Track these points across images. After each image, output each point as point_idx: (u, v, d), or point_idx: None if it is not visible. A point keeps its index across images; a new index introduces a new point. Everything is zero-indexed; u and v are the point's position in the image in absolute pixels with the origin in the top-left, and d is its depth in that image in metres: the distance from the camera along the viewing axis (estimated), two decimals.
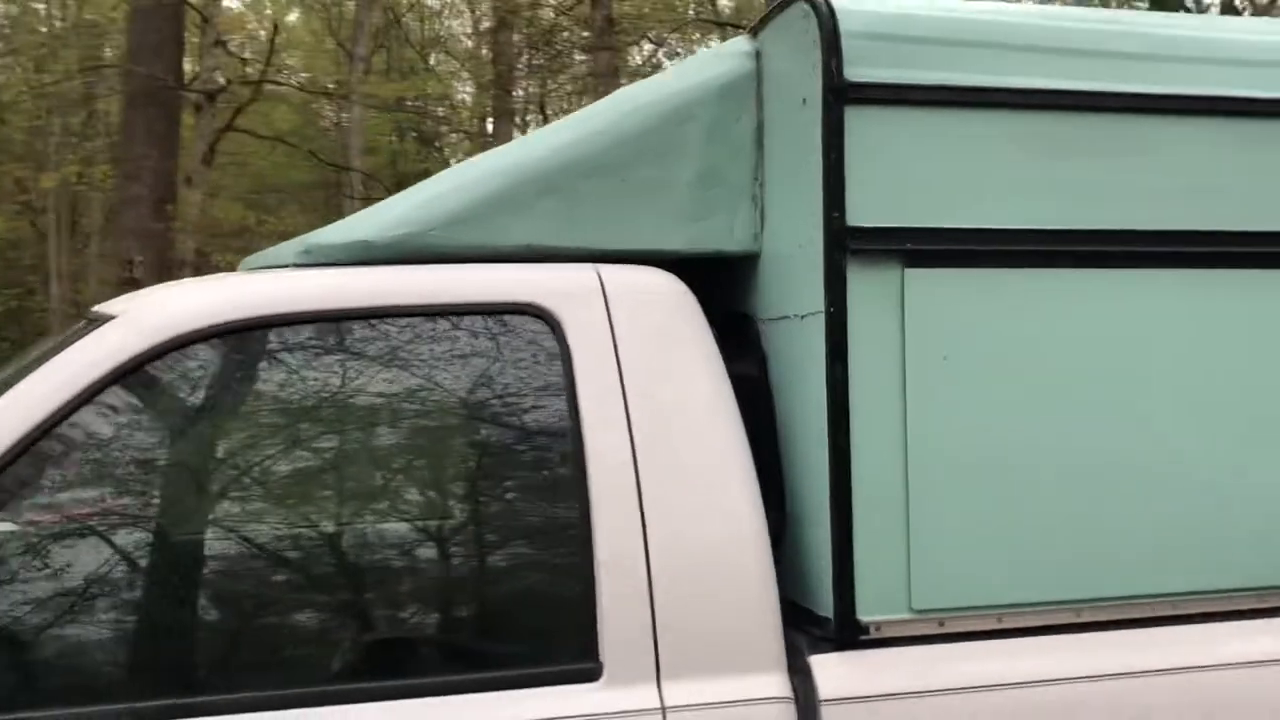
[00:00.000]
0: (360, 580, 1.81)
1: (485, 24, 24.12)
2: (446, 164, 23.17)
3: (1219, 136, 1.91)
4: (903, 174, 1.84)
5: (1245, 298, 1.92)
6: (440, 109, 21.07)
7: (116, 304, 1.97)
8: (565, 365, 1.87)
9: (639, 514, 1.80)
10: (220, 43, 12.35)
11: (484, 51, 23.35)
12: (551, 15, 16.27)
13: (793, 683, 1.79)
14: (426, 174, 22.12)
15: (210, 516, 1.76)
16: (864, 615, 1.82)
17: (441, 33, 23.76)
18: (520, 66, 20.37)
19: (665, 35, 15.14)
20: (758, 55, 2.07)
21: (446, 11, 23.86)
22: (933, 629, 1.84)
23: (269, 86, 13.25)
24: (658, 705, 1.74)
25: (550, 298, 1.90)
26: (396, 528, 1.82)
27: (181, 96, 11.70)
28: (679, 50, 17.12)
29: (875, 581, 1.82)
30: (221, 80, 12.52)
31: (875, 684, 1.79)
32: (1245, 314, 1.92)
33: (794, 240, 1.94)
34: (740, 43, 2.12)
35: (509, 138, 20.12)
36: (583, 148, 2.02)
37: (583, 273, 1.96)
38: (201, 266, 12.02)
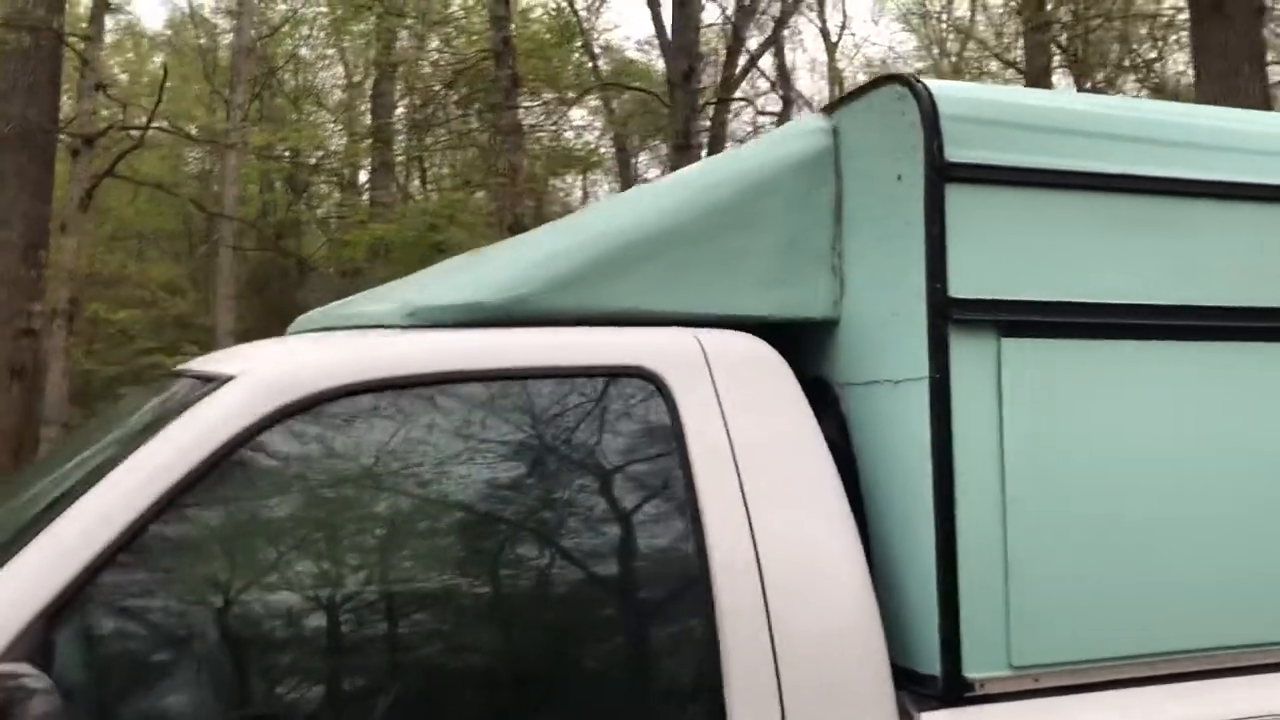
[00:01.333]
0: (491, 644, 1.78)
1: (357, 77, 24.05)
2: (314, 214, 22.91)
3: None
4: (997, 249, 1.95)
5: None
6: (315, 159, 20.72)
7: (220, 363, 1.91)
8: (675, 428, 1.90)
9: (759, 582, 1.83)
10: (101, 86, 11.93)
11: (359, 105, 23.23)
12: (432, 69, 16.32)
13: None
14: (297, 224, 21.76)
15: (348, 580, 1.71)
16: (969, 673, 1.89)
17: (315, 83, 23.48)
18: (397, 120, 20.30)
19: (568, 96, 15.30)
20: (835, 132, 2.17)
21: (320, 63, 23.62)
22: (1029, 685, 1.92)
23: (151, 132, 12.84)
24: None
25: (658, 362, 1.94)
26: (527, 590, 1.80)
27: (56, 140, 11.25)
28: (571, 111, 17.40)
29: (978, 640, 1.89)
30: (100, 124, 12.08)
31: None
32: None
33: (885, 308, 2.02)
34: (816, 120, 2.21)
35: (386, 190, 19.95)
36: (679, 215, 2.07)
37: (683, 337, 2.00)
38: (74, 315, 11.51)
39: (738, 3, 17.21)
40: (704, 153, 13.94)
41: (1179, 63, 20.55)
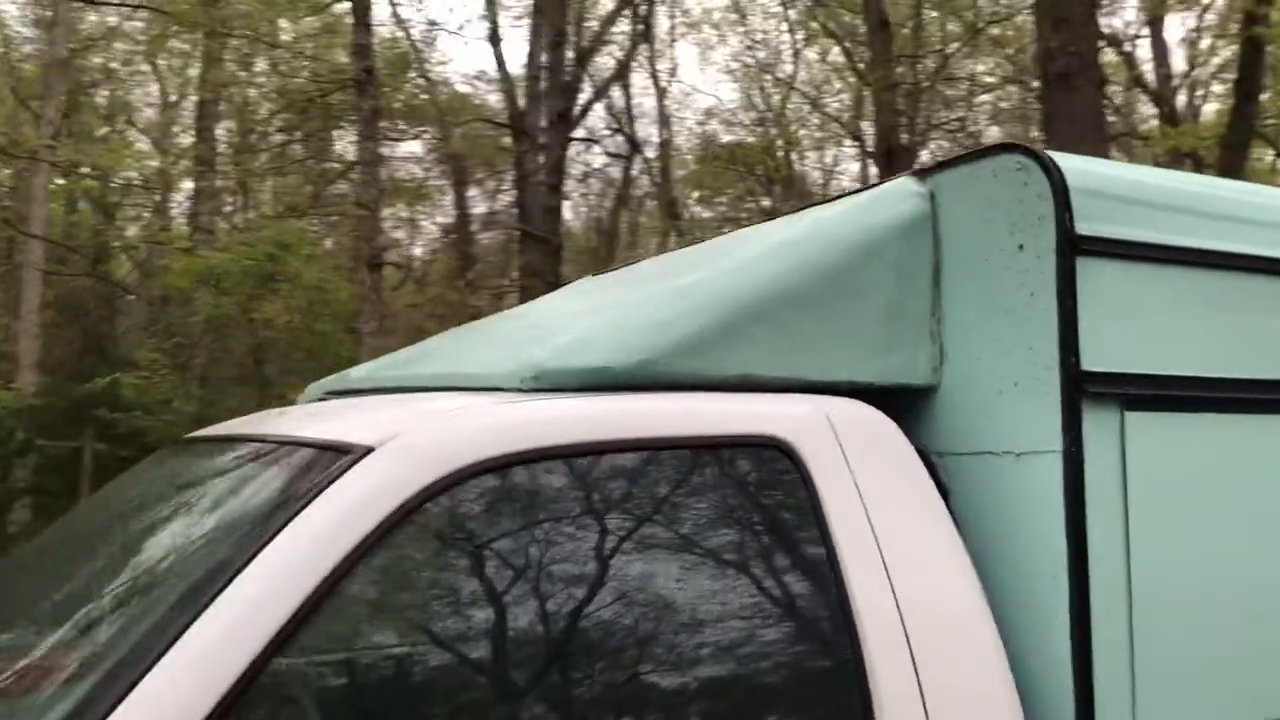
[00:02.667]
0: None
1: (173, 96, 22.91)
2: (123, 236, 21.53)
3: None
4: (1122, 323, 1.96)
5: None
6: (128, 180, 19.50)
7: (333, 429, 1.70)
8: (812, 498, 1.83)
9: (908, 648, 1.78)
10: None
11: (176, 126, 22.10)
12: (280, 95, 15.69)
13: None
14: (106, 246, 20.40)
15: (522, 665, 1.54)
16: None
17: (129, 100, 22.18)
18: (224, 144, 19.42)
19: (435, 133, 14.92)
20: (932, 197, 2.15)
21: (133, 79, 22.35)
22: None
23: None
24: None
25: (788, 431, 1.86)
26: (688, 660, 1.67)
27: None
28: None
29: (1110, 715, 1.88)
30: None
31: None
32: None
33: (1004, 378, 2.00)
34: (911, 184, 2.18)
35: (210, 216, 18.97)
36: (790, 279, 2.00)
37: (809, 405, 1.93)
38: None
39: (577, 44, 17.32)
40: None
41: (983, 122, 22.02)
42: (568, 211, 23.79)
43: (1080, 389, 1.90)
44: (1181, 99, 20.94)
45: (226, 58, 17.98)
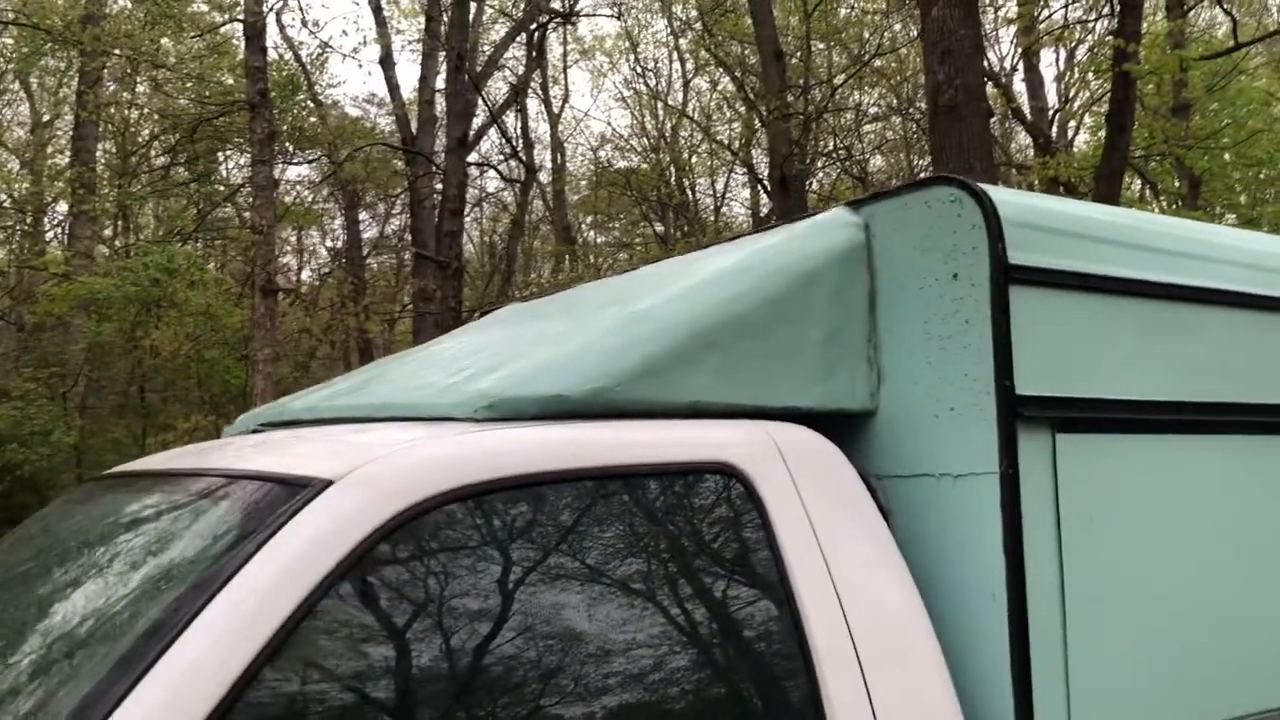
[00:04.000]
0: None
1: (46, 117, 22.08)
2: None
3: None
4: (1050, 348, 2.04)
5: None
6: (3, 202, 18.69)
7: (301, 463, 1.66)
8: (764, 522, 1.86)
9: (858, 665, 1.81)
10: None
11: (50, 146, 21.28)
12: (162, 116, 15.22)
13: None
14: None
15: (483, 686, 1.52)
16: None
17: None
18: (104, 166, 18.75)
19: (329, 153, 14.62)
20: (867, 227, 2.21)
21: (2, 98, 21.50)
22: None
23: None
24: None
25: (740, 457, 1.89)
26: (647, 682, 1.67)
27: None
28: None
29: None
30: None
31: None
32: None
33: (940, 403, 2.06)
34: (846, 214, 2.24)
35: (88, 240, 18.28)
36: (736, 306, 2.03)
37: (755, 430, 1.96)
38: None
39: (470, 68, 17.28)
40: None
41: (866, 151, 22.64)
42: (462, 238, 23.62)
43: (1015, 412, 1.97)
44: (1055, 130, 21.85)
45: (106, 77, 17.42)
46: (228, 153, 19.28)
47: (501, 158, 21.41)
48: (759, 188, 22.25)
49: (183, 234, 18.07)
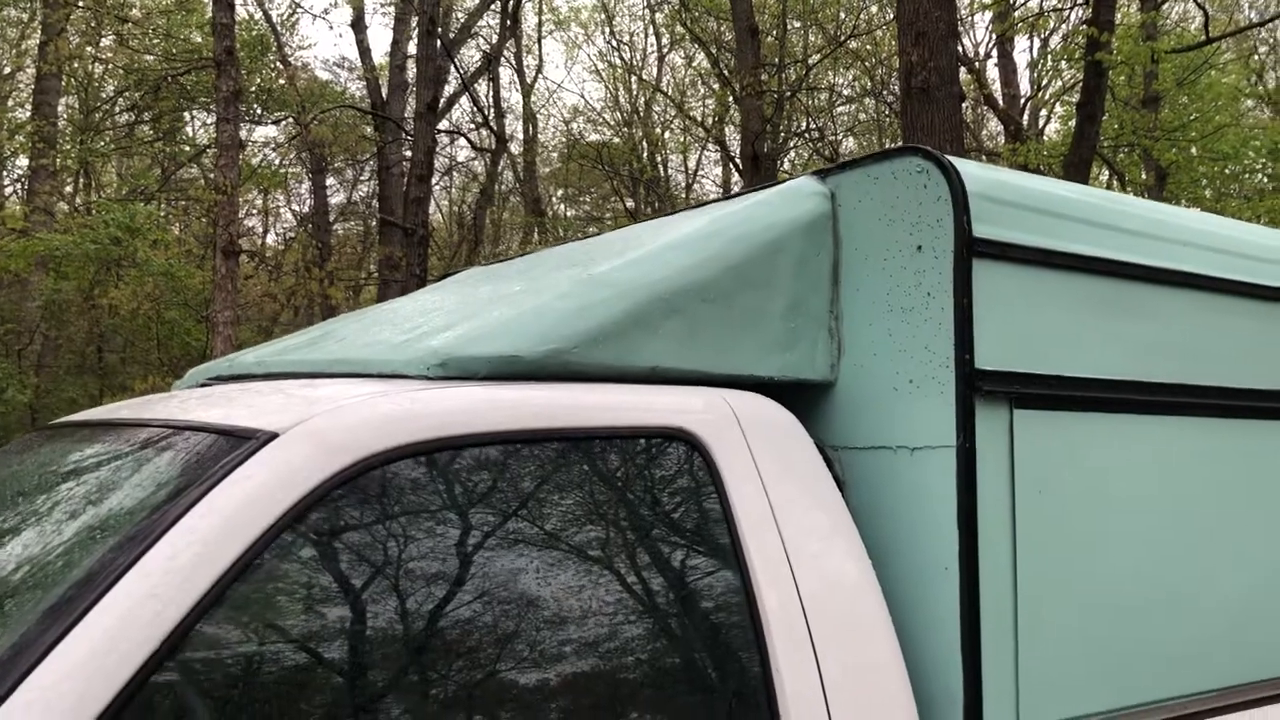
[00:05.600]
0: (557, 704, 1.62)
1: (6, 69, 21.62)
2: None
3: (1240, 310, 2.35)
4: (1011, 323, 2.03)
5: (1264, 441, 2.39)
6: None
7: (228, 415, 1.62)
8: (719, 489, 1.84)
9: (810, 643, 1.80)
10: None
11: (9, 102, 20.84)
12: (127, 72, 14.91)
13: None
14: None
15: (425, 645, 1.50)
16: None
17: None
18: (66, 121, 18.39)
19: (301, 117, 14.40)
20: (833, 197, 2.19)
21: None
22: None
23: None
24: None
25: (696, 424, 1.87)
26: (591, 648, 1.65)
27: None
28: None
29: (996, 699, 1.95)
30: None
31: None
32: (1269, 452, 2.39)
33: (899, 375, 2.05)
34: (813, 183, 2.22)
35: (47, 196, 17.94)
36: (699, 273, 2.01)
37: (713, 398, 1.94)
38: None
39: (442, 35, 17.08)
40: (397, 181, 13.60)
41: (839, 133, 22.65)
42: (430, 205, 23.44)
43: (974, 386, 1.96)
44: (1026, 118, 21.94)
45: (70, 30, 17.06)
46: (194, 112, 18.98)
47: (472, 126, 21.24)
48: (731, 165, 22.22)
49: (146, 193, 17.79)
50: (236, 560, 1.36)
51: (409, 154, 15.76)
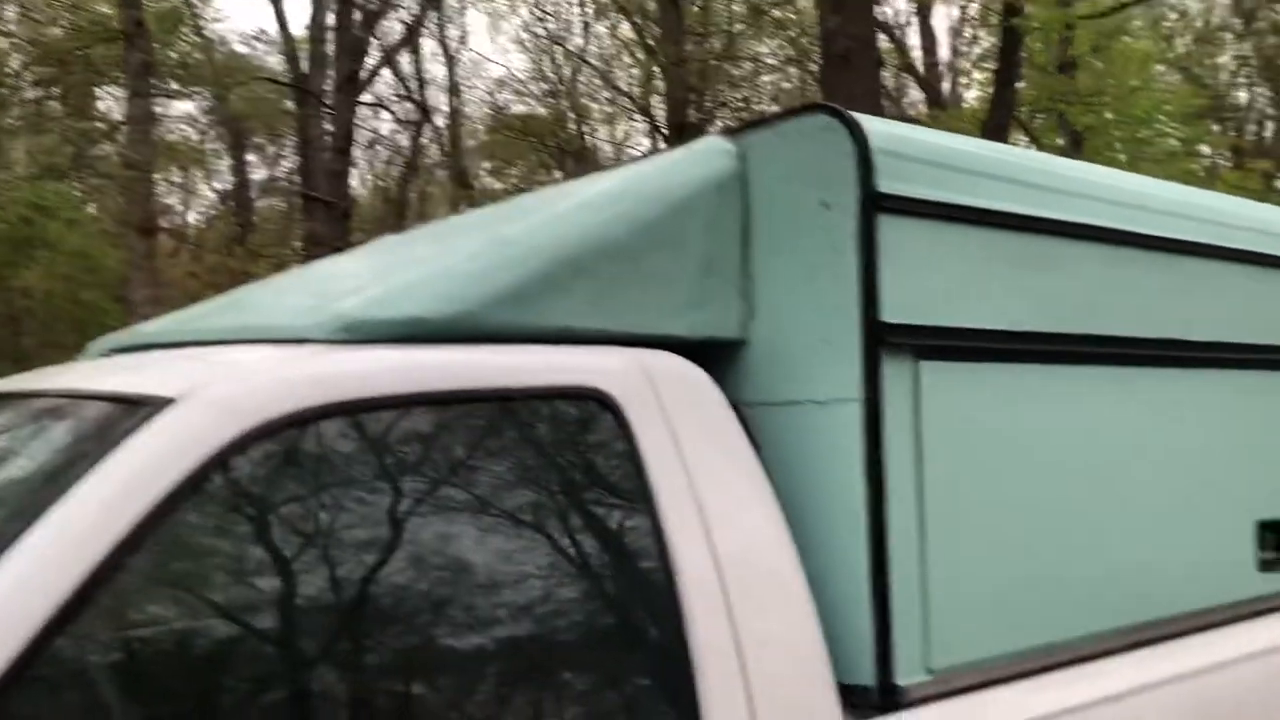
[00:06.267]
0: (466, 667, 1.62)
1: None
2: None
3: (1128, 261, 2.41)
4: (916, 277, 2.07)
5: (1164, 390, 2.46)
6: None
7: (126, 382, 1.59)
8: (632, 450, 1.85)
9: (724, 600, 1.83)
10: None
11: None
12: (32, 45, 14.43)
13: None
14: None
15: (325, 620, 1.49)
16: (899, 680, 1.98)
17: None
18: None
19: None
20: (743, 156, 2.20)
21: None
22: (943, 687, 2.05)
23: None
24: None
25: (608, 383, 1.88)
26: (502, 612, 1.66)
27: None
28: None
29: (905, 648, 1.99)
30: None
31: None
32: (1169, 401, 2.46)
33: (808, 331, 2.07)
34: (722, 142, 2.23)
35: None
36: (607, 231, 2.01)
37: (624, 357, 1.95)
38: None
39: (364, 6, 16.79)
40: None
41: (764, 103, 22.74)
42: (354, 179, 23.10)
43: (879, 340, 2.00)
44: (946, 85, 22.22)
45: None
46: (106, 87, 18.46)
47: (395, 99, 20.94)
48: (658, 135, 22.19)
49: (58, 171, 17.29)
50: (132, 529, 1.34)
51: (330, 128, 15.50)
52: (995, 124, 12.61)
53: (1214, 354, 2.61)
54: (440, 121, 22.81)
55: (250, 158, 22.57)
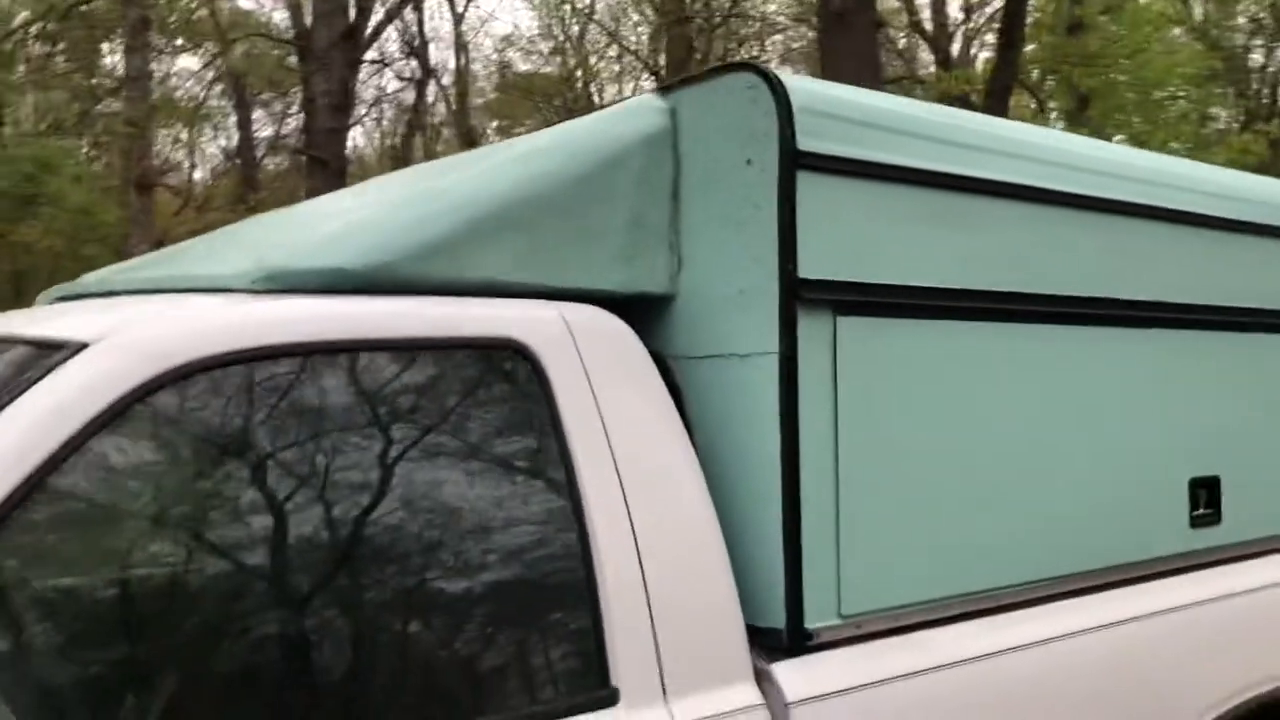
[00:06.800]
0: (379, 618, 1.70)
1: None
2: None
3: (1051, 220, 2.45)
4: (837, 234, 2.12)
5: (1072, 344, 2.50)
6: None
7: (47, 328, 1.66)
8: (548, 400, 1.91)
9: (634, 545, 1.89)
10: None
11: None
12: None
13: (761, 689, 1.98)
14: None
15: (223, 562, 1.57)
16: (809, 624, 2.05)
17: None
18: None
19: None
20: (674, 113, 2.24)
21: None
22: (854, 631, 2.12)
23: None
24: None
25: (528, 335, 1.93)
26: (411, 564, 1.73)
27: None
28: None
29: (815, 594, 2.06)
30: None
31: (825, 683, 2.03)
32: (1098, 359, 2.52)
33: (730, 286, 2.13)
34: (654, 100, 2.27)
35: None
36: (538, 185, 2.06)
37: (548, 310, 2.00)
38: None
39: None
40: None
41: (776, 62, 22.59)
42: (360, 138, 23.08)
43: (796, 295, 2.05)
44: (959, 47, 22.02)
45: None
46: (113, 43, 18.45)
47: (400, 57, 20.86)
48: None
49: (64, 128, 17.34)
50: (41, 463, 1.41)
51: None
52: (998, 85, 12.52)
53: (1148, 313, 2.66)
54: (446, 79, 22.77)
55: (259, 115, 22.60)
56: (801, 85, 2.11)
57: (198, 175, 24.20)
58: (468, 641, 1.79)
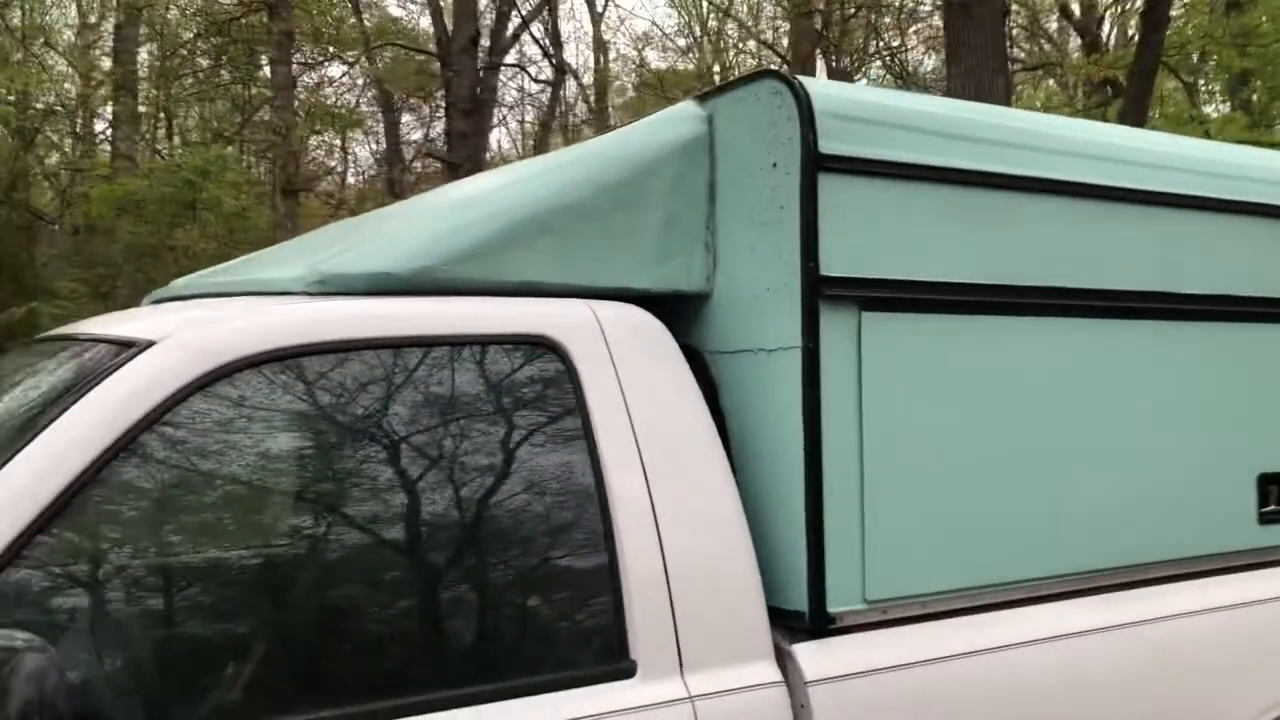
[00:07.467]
0: (420, 594, 1.88)
1: (93, 18, 22.36)
2: (42, 163, 21.10)
3: (1079, 213, 2.46)
4: (859, 232, 2.19)
5: (1109, 338, 2.50)
6: (46, 105, 19.10)
7: (126, 328, 1.89)
8: (577, 392, 2.05)
9: (654, 525, 2.02)
10: None
11: (97, 48, 21.60)
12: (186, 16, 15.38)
13: (782, 668, 2.08)
14: (24, 173, 20.00)
15: (276, 544, 1.77)
16: (832, 608, 2.14)
17: (45, 22, 21.61)
18: (142, 67, 19.07)
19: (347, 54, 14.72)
20: (710, 119, 2.35)
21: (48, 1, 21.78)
22: (879, 616, 2.20)
23: None
24: (686, 695, 1.96)
25: (559, 331, 2.08)
26: (450, 544, 1.90)
27: None
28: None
29: (839, 579, 2.15)
30: None
31: (846, 664, 2.12)
32: (1114, 349, 2.51)
33: (759, 284, 2.23)
34: (692, 107, 2.39)
35: (130, 141, 18.65)
36: (573, 193, 2.20)
37: (580, 307, 2.14)
38: None
39: None
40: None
41: (918, 51, 22.19)
42: (504, 139, 23.67)
43: (819, 292, 2.14)
44: (1111, 29, 21.21)
45: None
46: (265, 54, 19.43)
47: (537, 60, 21.34)
48: None
49: (224, 137, 18.39)
50: (108, 448, 1.63)
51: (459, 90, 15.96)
52: (1142, 68, 12.07)
53: (1199, 306, 2.63)
54: (585, 79, 23.17)
55: (406, 119, 23.43)
56: (823, 89, 2.20)
57: (350, 179, 25.27)
58: (497, 610, 1.94)
